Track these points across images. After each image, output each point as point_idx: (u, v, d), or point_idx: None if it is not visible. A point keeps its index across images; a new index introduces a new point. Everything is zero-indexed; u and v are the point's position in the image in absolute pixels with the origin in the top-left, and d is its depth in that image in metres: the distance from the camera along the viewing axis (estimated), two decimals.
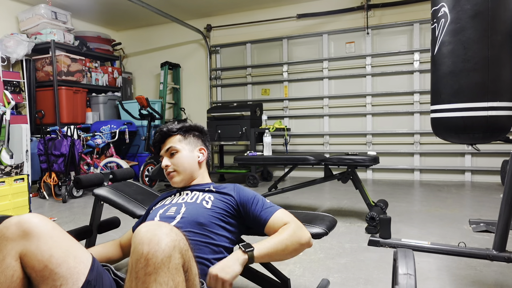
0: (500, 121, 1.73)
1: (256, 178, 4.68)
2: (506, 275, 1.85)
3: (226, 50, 6.13)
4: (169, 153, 1.41)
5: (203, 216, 1.23)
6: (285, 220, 1.23)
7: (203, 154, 1.46)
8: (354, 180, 2.93)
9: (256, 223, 1.27)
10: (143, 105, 4.64)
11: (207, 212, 1.24)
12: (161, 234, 0.86)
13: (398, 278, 0.95)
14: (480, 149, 2.25)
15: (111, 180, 2.02)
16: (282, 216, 1.26)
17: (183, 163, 1.39)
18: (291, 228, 1.19)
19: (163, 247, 0.84)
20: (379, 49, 5.20)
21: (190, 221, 1.21)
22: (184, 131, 1.45)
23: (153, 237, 0.85)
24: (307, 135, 5.63)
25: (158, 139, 1.46)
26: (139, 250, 0.85)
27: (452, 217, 2.99)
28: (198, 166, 1.44)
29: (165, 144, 1.43)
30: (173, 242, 0.87)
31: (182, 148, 1.41)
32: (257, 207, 1.28)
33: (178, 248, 0.87)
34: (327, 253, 2.22)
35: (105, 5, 5.44)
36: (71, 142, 4.13)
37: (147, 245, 0.85)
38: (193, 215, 1.23)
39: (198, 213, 1.23)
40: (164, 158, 1.42)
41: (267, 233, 1.25)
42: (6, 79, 4.45)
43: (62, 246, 0.93)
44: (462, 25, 1.74)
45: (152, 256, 0.83)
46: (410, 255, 1.14)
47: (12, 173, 3.25)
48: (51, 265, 0.89)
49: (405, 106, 5.09)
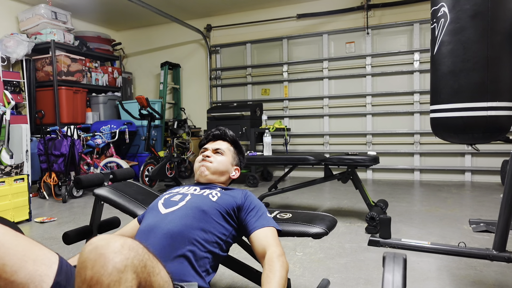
0: (499, 121, 1.73)
1: (256, 178, 4.68)
2: (506, 275, 1.85)
3: (226, 50, 6.13)
4: (216, 151, 1.50)
5: (207, 205, 1.25)
6: (270, 242, 1.20)
7: (236, 173, 1.55)
8: (354, 180, 2.93)
9: (245, 226, 1.27)
10: (143, 105, 4.64)
11: (211, 203, 1.27)
12: (109, 253, 0.75)
13: None
14: (480, 149, 2.25)
15: (111, 180, 2.02)
16: (270, 236, 1.23)
17: (221, 164, 1.48)
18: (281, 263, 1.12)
19: (110, 270, 0.73)
20: (379, 49, 5.20)
21: (193, 207, 1.23)
22: (235, 145, 1.58)
23: (98, 258, 0.74)
24: (307, 135, 5.63)
25: (212, 136, 1.57)
26: (81, 276, 0.74)
27: (452, 217, 2.99)
28: (228, 177, 1.52)
29: (215, 143, 1.54)
30: (123, 262, 0.75)
31: (227, 155, 1.51)
32: (253, 213, 1.29)
33: (131, 267, 0.77)
34: (327, 253, 2.22)
35: (105, 5, 5.45)
36: (71, 142, 4.13)
37: (90, 269, 0.74)
38: (197, 203, 1.26)
39: (202, 202, 1.26)
40: (208, 150, 1.51)
41: (251, 242, 1.24)
42: (6, 79, 4.45)
43: (16, 252, 0.85)
44: (462, 25, 1.74)
45: (96, 282, 0.73)
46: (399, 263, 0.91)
47: (12, 173, 3.25)
48: (5, 274, 0.82)
49: (405, 106, 5.09)
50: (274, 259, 1.12)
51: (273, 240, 1.21)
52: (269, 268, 1.10)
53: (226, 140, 1.56)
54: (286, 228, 1.37)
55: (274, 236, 1.23)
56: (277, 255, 1.14)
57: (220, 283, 1.84)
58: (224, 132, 1.57)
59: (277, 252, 1.15)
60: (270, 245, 1.19)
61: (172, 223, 1.17)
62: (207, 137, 1.60)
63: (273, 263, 1.11)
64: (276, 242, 1.21)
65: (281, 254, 1.15)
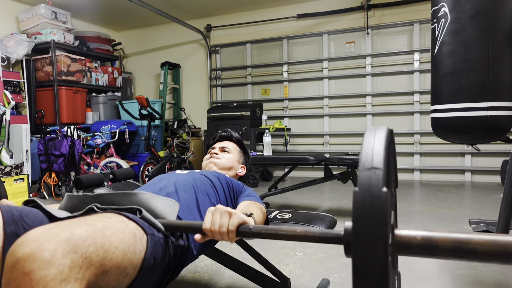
0: (500, 121, 1.73)
1: (256, 178, 4.68)
2: (506, 275, 1.85)
3: (226, 50, 6.13)
4: (223, 149, 1.63)
5: (213, 175, 1.36)
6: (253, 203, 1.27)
7: (242, 171, 1.66)
8: (354, 180, 2.93)
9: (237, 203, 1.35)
10: (143, 105, 4.64)
11: (218, 174, 1.40)
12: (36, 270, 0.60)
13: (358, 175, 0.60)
14: (480, 149, 2.25)
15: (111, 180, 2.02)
16: (255, 202, 1.29)
17: (228, 160, 1.60)
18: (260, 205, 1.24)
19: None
20: (379, 49, 5.20)
21: (200, 174, 1.33)
22: (240, 145, 1.70)
23: (22, 281, 0.60)
24: (307, 135, 5.63)
25: (219, 137, 1.71)
26: None
27: (452, 217, 2.99)
28: (235, 173, 1.62)
29: (222, 143, 1.68)
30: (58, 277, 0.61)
31: (233, 153, 1.64)
32: (245, 194, 1.38)
33: (70, 276, 0.62)
34: (327, 253, 2.22)
35: (105, 5, 5.44)
36: (71, 142, 4.13)
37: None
38: (204, 173, 1.36)
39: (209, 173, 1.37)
40: (216, 149, 1.64)
41: None
42: (6, 79, 4.44)
43: None
44: (462, 25, 1.73)
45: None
46: (382, 133, 0.66)
47: (12, 173, 3.25)
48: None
49: (405, 106, 5.09)
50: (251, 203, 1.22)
51: (256, 203, 1.27)
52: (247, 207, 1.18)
53: (232, 141, 1.69)
54: None
55: (257, 203, 1.29)
56: (257, 204, 1.23)
57: (220, 283, 1.84)
58: (230, 134, 1.70)
59: (258, 203, 1.25)
60: (252, 202, 1.25)
61: (182, 176, 1.27)
62: (214, 137, 1.72)
63: (250, 204, 1.21)
64: (258, 205, 1.26)
65: (262, 206, 1.24)
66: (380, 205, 0.56)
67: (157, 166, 4.46)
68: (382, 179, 0.58)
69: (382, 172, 0.58)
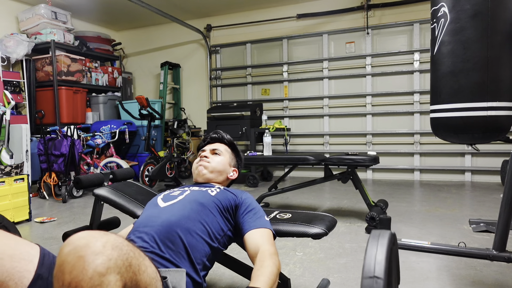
0: (499, 121, 1.73)
1: (256, 178, 4.68)
2: (506, 275, 1.85)
3: (226, 50, 6.13)
4: (213, 152, 1.55)
5: (205, 198, 1.28)
6: (264, 241, 1.18)
7: (234, 174, 1.58)
8: (354, 180, 2.93)
9: (241, 225, 1.26)
10: (143, 105, 4.64)
11: (210, 197, 1.30)
12: (89, 254, 0.70)
13: (361, 282, 0.66)
14: (480, 149, 2.25)
15: (111, 180, 2.02)
16: (265, 236, 1.21)
17: (218, 163, 1.52)
18: (273, 261, 1.10)
19: (90, 274, 0.68)
20: (379, 49, 5.20)
21: (191, 200, 1.26)
22: (232, 147, 1.62)
23: (76, 262, 0.69)
24: (307, 135, 5.63)
25: (210, 139, 1.62)
26: (59, 281, 0.69)
27: (452, 217, 2.99)
28: (226, 177, 1.55)
29: (213, 145, 1.59)
30: (105, 264, 0.70)
31: (224, 155, 1.56)
32: (251, 214, 1.28)
33: (115, 268, 0.71)
34: (327, 253, 2.22)
35: (105, 5, 5.45)
36: (71, 142, 4.13)
37: (68, 274, 0.69)
38: (196, 196, 1.28)
39: (201, 196, 1.29)
40: (206, 151, 1.55)
41: (244, 241, 1.22)
42: (6, 79, 4.44)
43: None
44: (462, 25, 1.73)
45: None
46: (384, 240, 0.74)
47: (12, 173, 3.25)
48: None
49: (405, 106, 5.09)
50: (266, 256, 1.10)
51: (267, 240, 1.19)
52: (260, 264, 1.07)
53: (224, 143, 1.61)
54: (286, 228, 1.37)
55: (269, 237, 1.22)
56: (270, 253, 1.12)
57: (220, 283, 1.84)
58: (221, 135, 1.62)
59: (270, 251, 1.13)
60: (263, 243, 1.17)
61: (170, 213, 1.19)
62: (205, 140, 1.64)
63: (265, 259, 1.09)
64: (271, 242, 1.19)
65: (274, 253, 1.13)
66: None
67: (157, 166, 4.47)
68: None
69: (383, 282, 0.66)
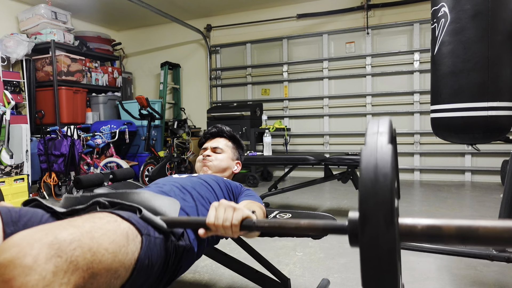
0: (500, 121, 1.73)
1: (256, 178, 4.68)
2: (506, 275, 1.85)
3: (226, 50, 6.13)
4: (214, 150, 1.56)
5: (211, 179, 1.34)
6: (254, 203, 1.27)
7: (237, 167, 1.61)
8: (354, 180, 2.93)
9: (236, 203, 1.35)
10: (143, 105, 4.64)
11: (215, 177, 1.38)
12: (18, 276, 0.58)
13: (365, 138, 0.68)
14: (480, 149, 2.25)
15: (111, 180, 2.01)
16: (256, 202, 1.28)
17: (221, 161, 1.54)
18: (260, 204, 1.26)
19: None
20: (379, 49, 5.20)
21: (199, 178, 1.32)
22: (233, 140, 1.63)
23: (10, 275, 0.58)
24: (307, 135, 5.63)
25: (210, 134, 1.63)
26: None
27: (452, 217, 2.98)
28: (231, 172, 1.59)
29: (213, 141, 1.60)
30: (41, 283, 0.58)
31: (226, 151, 1.57)
32: (247, 197, 1.35)
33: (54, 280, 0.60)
34: (327, 253, 2.22)
35: (105, 5, 5.44)
36: (71, 142, 4.13)
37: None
38: (202, 177, 1.34)
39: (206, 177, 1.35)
40: (208, 150, 1.57)
41: None
42: (6, 79, 4.44)
43: None
44: (462, 25, 1.73)
45: None
46: (385, 120, 0.77)
47: (12, 173, 3.25)
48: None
49: (405, 106, 5.09)
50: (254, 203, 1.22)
51: (257, 203, 1.25)
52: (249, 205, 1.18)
53: (224, 137, 1.61)
54: None
55: (259, 204, 1.27)
56: (258, 204, 1.22)
57: (220, 283, 1.84)
58: (221, 129, 1.62)
59: (259, 204, 1.23)
60: (253, 203, 1.24)
61: (182, 180, 1.25)
62: (205, 135, 1.65)
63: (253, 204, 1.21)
64: (260, 206, 1.25)
65: (262, 205, 1.24)
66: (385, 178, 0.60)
67: (157, 166, 4.46)
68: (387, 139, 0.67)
69: (387, 136, 0.67)
